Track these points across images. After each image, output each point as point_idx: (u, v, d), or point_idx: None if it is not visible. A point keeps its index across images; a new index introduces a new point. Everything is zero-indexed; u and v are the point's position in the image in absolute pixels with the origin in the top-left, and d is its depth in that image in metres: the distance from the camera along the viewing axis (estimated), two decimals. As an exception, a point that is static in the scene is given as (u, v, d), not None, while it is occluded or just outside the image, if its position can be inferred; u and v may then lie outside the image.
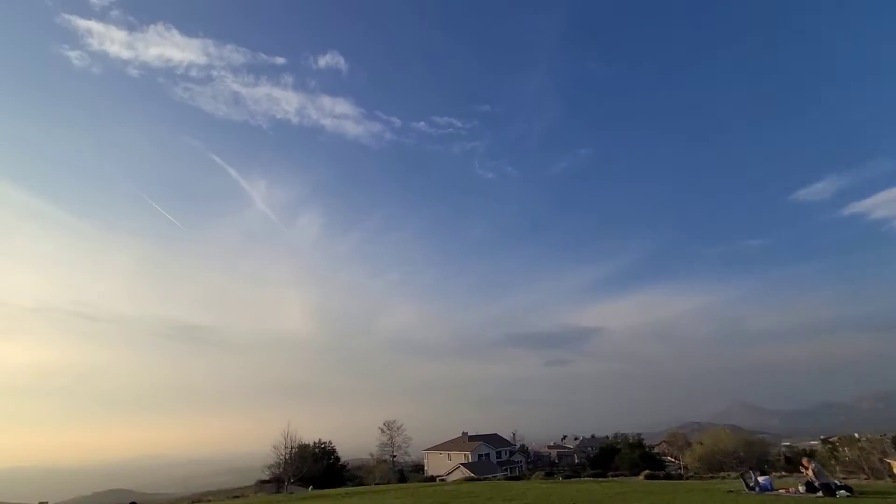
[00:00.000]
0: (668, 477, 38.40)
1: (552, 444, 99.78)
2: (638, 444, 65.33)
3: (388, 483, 45.78)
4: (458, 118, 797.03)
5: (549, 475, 52.22)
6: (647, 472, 39.24)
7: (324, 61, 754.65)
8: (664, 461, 64.99)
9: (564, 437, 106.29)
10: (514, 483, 29.52)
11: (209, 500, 32.98)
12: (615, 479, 37.94)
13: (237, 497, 33.16)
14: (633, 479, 35.92)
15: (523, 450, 77.50)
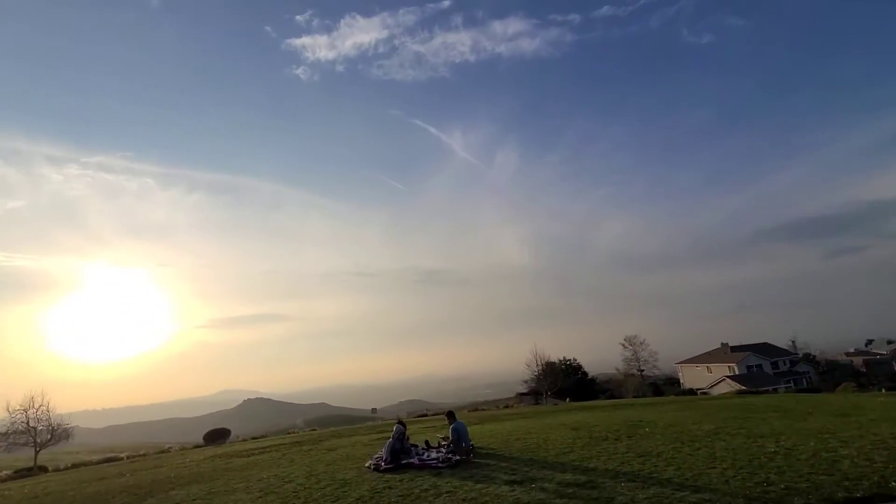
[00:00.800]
0: None
1: (852, 350, 79.44)
2: None
3: (644, 396, 44.03)
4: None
5: (862, 387, 41.17)
6: None
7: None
8: None
9: (870, 341, 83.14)
10: (826, 396, 23.57)
11: (482, 409, 37.74)
12: None
13: (507, 407, 36.87)
14: None
15: (809, 359, 63.76)
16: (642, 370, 64.58)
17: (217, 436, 40.01)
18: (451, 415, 10.96)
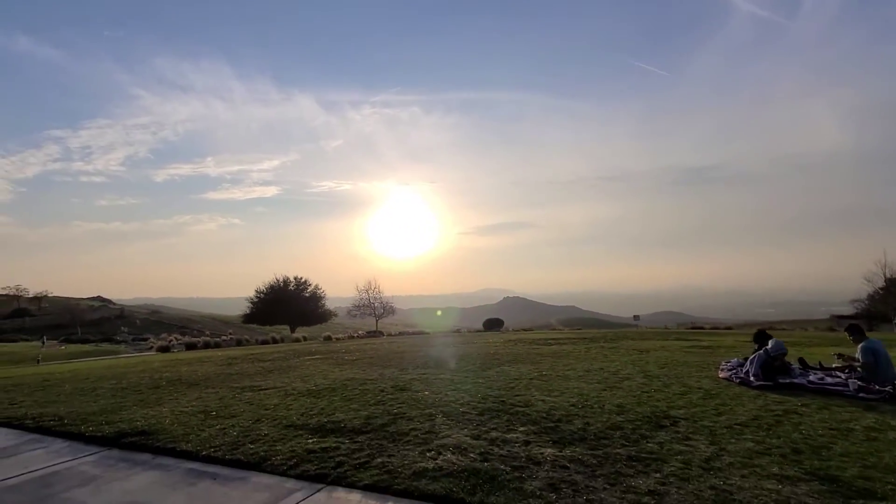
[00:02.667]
0: None
1: None
2: None
3: None
4: None
5: None
6: None
7: None
8: None
9: None
10: None
11: (795, 328, 30.09)
12: None
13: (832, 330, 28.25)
14: None
15: None
16: None
17: (494, 324, 45.44)
18: (856, 329, 7.58)
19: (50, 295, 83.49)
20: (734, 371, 7.60)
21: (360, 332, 42.33)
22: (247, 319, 47.18)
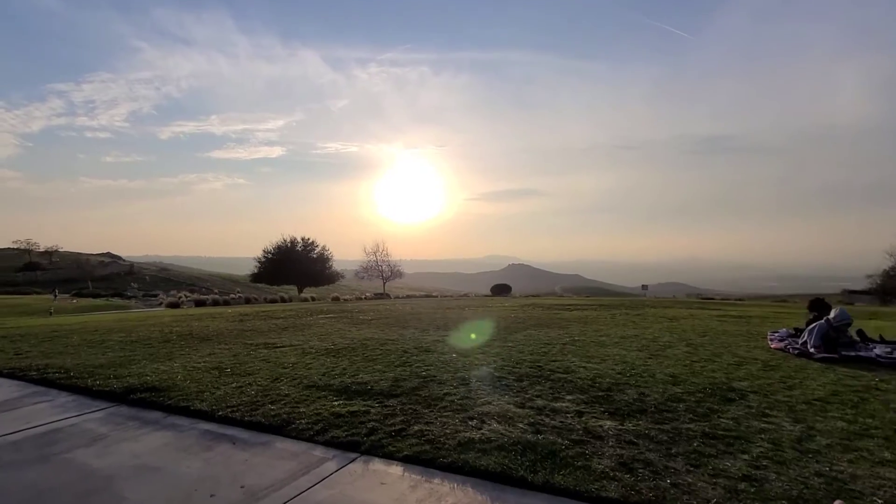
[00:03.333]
0: None
1: None
2: None
3: None
4: None
5: None
6: None
7: None
8: None
9: None
10: None
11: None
12: None
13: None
14: None
15: None
16: None
17: (502, 289, 45.23)
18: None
19: (60, 250, 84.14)
20: (787, 341, 7.05)
21: (367, 294, 42.30)
22: (255, 279, 47.20)
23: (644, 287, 53.57)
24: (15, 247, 79.67)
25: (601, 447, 3.36)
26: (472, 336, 8.64)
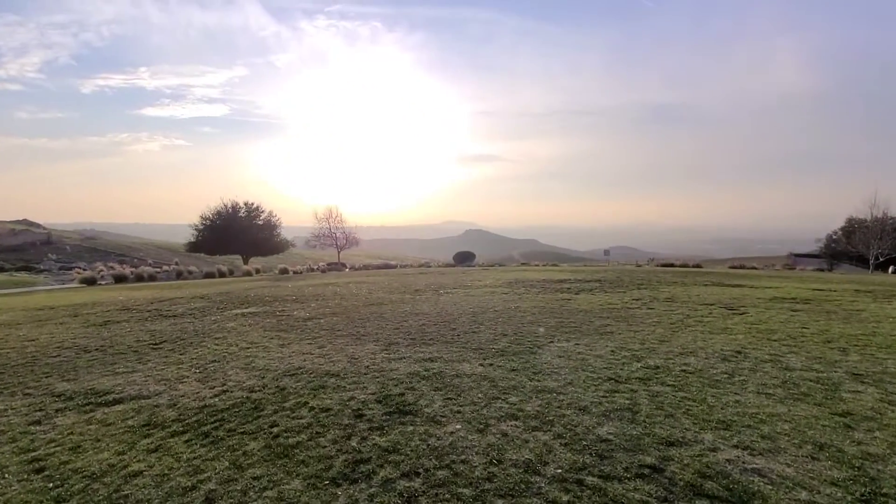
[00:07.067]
0: None
1: None
2: None
3: None
4: None
5: None
6: None
7: None
8: None
9: None
10: None
11: (746, 266, 29.67)
12: None
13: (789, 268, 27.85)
14: None
15: None
16: None
17: (465, 257, 43.25)
18: None
19: (-42, 216, 73.32)
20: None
21: (320, 265, 39.01)
22: (191, 248, 42.42)
23: (606, 252, 53.41)
24: None
25: None
26: (477, 364, 5.21)
